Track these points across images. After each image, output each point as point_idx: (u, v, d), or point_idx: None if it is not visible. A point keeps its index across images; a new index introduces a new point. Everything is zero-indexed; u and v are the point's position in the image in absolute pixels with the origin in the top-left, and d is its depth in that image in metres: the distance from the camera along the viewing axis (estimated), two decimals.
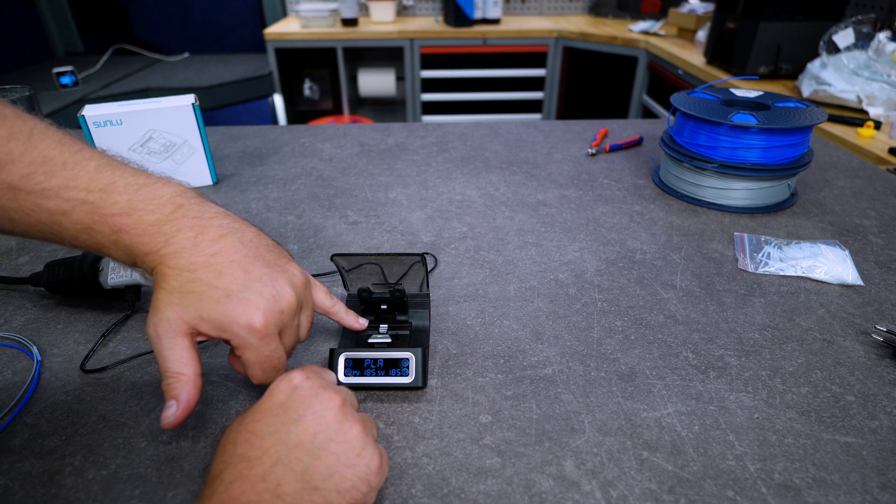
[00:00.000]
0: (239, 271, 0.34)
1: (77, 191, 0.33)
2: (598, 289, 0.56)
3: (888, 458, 0.38)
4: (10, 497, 0.35)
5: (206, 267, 0.33)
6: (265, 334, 0.34)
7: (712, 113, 0.70)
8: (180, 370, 0.33)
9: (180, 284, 0.33)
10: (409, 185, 0.79)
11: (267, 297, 0.34)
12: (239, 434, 0.31)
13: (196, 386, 0.34)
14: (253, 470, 0.29)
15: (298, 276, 0.38)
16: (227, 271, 0.34)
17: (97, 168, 0.34)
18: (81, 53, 2.91)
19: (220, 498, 0.28)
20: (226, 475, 0.29)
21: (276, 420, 0.31)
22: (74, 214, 0.33)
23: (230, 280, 0.33)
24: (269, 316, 0.34)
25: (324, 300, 0.42)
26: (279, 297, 0.35)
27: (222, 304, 0.33)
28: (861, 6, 1.70)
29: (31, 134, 0.33)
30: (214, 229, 0.35)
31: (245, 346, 0.34)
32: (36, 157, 0.33)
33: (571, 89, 2.67)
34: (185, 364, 0.33)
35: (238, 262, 0.34)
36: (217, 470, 0.30)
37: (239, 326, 0.33)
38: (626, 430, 0.40)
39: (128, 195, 0.34)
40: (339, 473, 0.30)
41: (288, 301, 0.35)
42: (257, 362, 0.35)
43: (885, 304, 0.54)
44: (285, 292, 0.35)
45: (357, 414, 0.33)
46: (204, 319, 0.33)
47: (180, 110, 0.72)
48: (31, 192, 0.33)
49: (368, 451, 0.32)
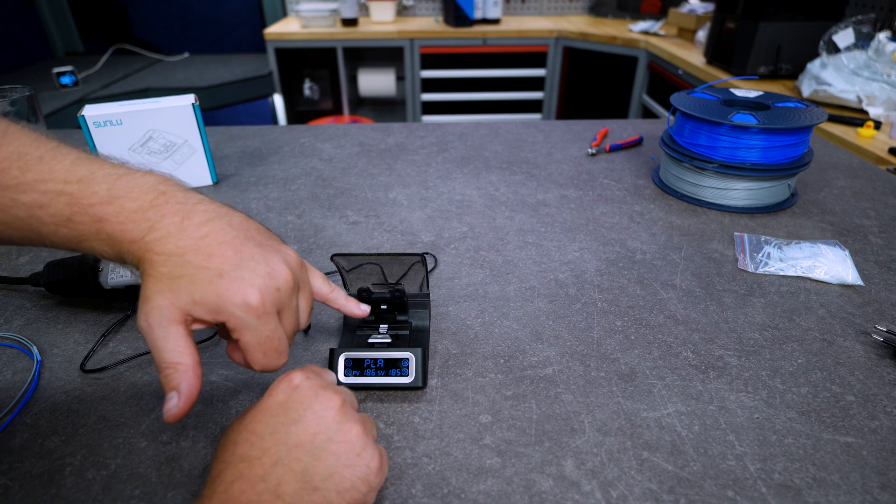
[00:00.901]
0: (230, 251, 0.32)
1: (54, 183, 0.32)
2: (598, 289, 0.56)
3: (888, 458, 0.38)
4: (10, 497, 0.35)
5: (195, 250, 0.32)
6: (262, 312, 0.32)
7: (712, 113, 0.70)
8: (177, 360, 0.31)
9: (169, 270, 0.31)
10: (409, 185, 0.79)
11: (261, 275, 0.32)
12: (239, 434, 0.31)
13: (196, 375, 0.32)
14: (253, 470, 0.29)
15: (293, 256, 0.36)
16: (217, 252, 0.32)
17: (74, 161, 0.33)
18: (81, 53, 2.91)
19: (220, 498, 0.28)
20: (226, 475, 0.29)
21: (276, 420, 0.31)
22: (52, 207, 0.32)
23: (221, 260, 0.32)
24: (266, 293, 0.32)
25: (321, 286, 0.40)
26: (274, 274, 0.33)
27: (215, 285, 0.31)
28: (861, 6, 1.70)
29: (4, 133, 0.33)
30: (200, 213, 0.33)
31: (242, 326, 0.32)
32: (10, 153, 0.32)
33: (571, 89, 2.67)
34: (182, 353, 0.31)
35: (228, 243, 0.33)
36: (217, 470, 0.30)
37: (234, 305, 0.31)
38: (626, 430, 0.40)
39: (107, 184, 0.32)
40: (339, 473, 0.30)
41: (284, 278, 0.34)
42: (257, 344, 0.33)
43: (885, 304, 0.54)
44: (280, 269, 0.34)
45: (357, 414, 0.33)
46: (197, 303, 0.31)
47: (180, 110, 0.72)
48: (6, 187, 0.31)
49: (368, 451, 0.32)
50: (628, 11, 2.72)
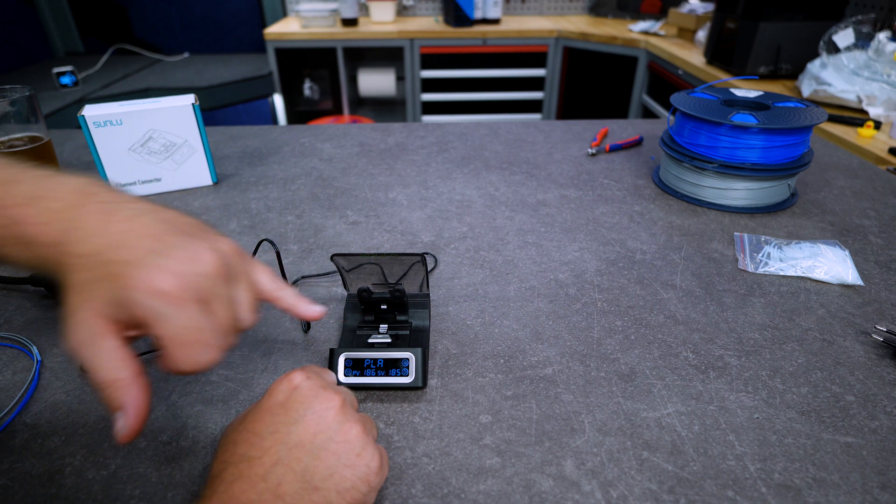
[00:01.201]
0: (149, 241, 0.29)
1: None
2: (598, 289, 0.56)
3: (888, 458, 0.38)
4: (10, 497, 0.35)
5: (114, 246, 0.28)
6: (178, 299, 0.28)
7: (712, 113, 0.70)
8: (114, 376, 0.28)
9: (87, 275, 0.28)
10: (409, 185, 0.79)
11: (179, 259, 0.29)
12: (239, 434, 0.31)
13: (140, 387, 0.29)
14: (253, 469, 0.29)
15: (227, 244, 0.33)
16: (134, 244, 0.29)
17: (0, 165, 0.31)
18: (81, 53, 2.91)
19: (221, 497, 0.28)
20: (226, 475, 0.29)
21: (276, 420, 0.31)
22: None
23: (135, 251, 0.28)
24: (182, 278, 0.28)
25: (267, 281, 0.36)
26: (196, 260, 0.29)
27: (125, 277, 0.27)
28: (861, 6, 1.70)
29: None
30: (127, 211, 0.30)
31: (156, 317, 0.28)
32: None
33: (571, 89, 2.68)
34: (119, 367, 0.28)
35: (151, 235, 0.29)
36: (217, 469, 0.30)
37: (143, 293, 0.27)
38: (626, 430, 0.40)
39: (32, 185, 0.30)
40: (340, 473, 0.30)
41: (207, 263, 0.30)
42: (174, 335, 0.28)
43: (885, 304, 0.54)
44: (204, 255, 0.30)
45: (357, 414, 0.33)
46: (114, 304, 0.27)
47: (180, 110, 0.72)
48: None
49: (368, 451, 0.32)
50: (628, 11, 2.72)
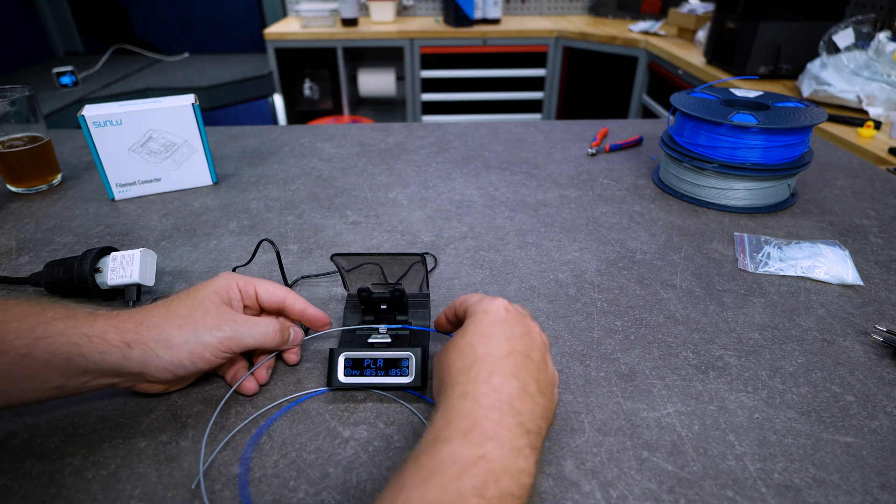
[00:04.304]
0: None
1: None
2: (598, 289, 0.56)
3: (888, 458, 0.38)
4: (10, 497, 0.35)
5: None
6: None
7: (712, 113, 0.70)
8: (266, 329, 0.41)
9: None
10: (409, 185, 0.79)
11: None
12: (474, 340, 0.35)
13: (283, 322, 0.43)
14: (505, 366, 0.33)
15: None
16: None
17: None
18: (81, 53, 2.91)
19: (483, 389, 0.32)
20: (478, 373, 0.32)
21: (505, 329, 0.35)
22: None
23: None
24: None
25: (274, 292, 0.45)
26: None
27: None
28: (861, 6, 1.70)
29: None
30: None
31: None
32: None
33: (571, 89, 2.68)
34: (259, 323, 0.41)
35: None
36: (470, 375, 0.33)
37: None
38: (626, 430, 0.40)
39: None
40: (551, 390, 0.35)
41: None
42: None
43: (885, 304, 0.54)
44: None
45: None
46: None
47: (180, 110, 0.72)
48: None
49: (555, 392, 0.36)
50: (628, 11, 2.72)
